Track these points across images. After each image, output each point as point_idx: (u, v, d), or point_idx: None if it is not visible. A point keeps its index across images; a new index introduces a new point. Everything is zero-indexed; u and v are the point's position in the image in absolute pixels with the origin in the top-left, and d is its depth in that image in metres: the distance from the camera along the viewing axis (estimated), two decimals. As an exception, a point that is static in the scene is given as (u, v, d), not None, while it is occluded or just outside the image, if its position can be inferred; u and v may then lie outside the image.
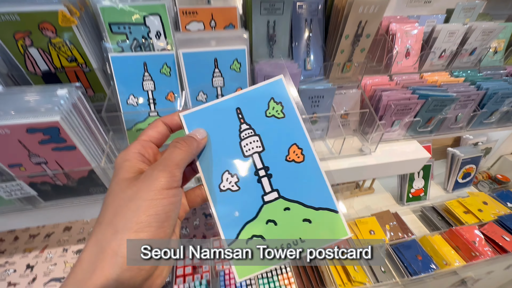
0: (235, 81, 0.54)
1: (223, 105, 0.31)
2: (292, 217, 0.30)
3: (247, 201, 0.30)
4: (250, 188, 0.30)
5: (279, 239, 0.30)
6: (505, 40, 0.80)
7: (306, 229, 0.29)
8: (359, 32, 0.60)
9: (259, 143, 0.31)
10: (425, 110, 0.66)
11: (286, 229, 0.30)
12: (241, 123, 0.31)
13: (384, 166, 0.68)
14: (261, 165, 0.31)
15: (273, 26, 0.57)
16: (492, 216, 1.16)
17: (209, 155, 0.31)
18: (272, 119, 0.31)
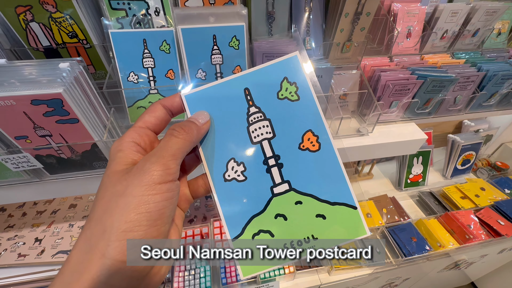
0: (234, 58, 0.54)
1: (230, 84, 0.28)
2: (304, 212, 0.27)
3: (255, 192, 0.27)
4: (258, 179, 0.27)
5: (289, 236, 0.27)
6: (509, 21, 0.78)
7: (319, 225, 0.26)
8: (359, 10, 0.60)
9: (269, 128, 0.28)
10: (424, 91, 0.66)
11: (297, 225, 0.27)
12: (249, 106, 0.28)
13: (381, 146, 0.69)
14: (271, 153, 0.28)
15: (272, 2, 0.57)
16: (489, 202, 1.18)
17: (213, 141, 0.28)
18: (285, 101, 0.28)
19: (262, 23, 0.59)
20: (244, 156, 0.28)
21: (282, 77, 0.28)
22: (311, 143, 0.27)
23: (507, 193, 1.24)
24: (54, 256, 0.74)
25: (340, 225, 0.26)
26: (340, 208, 0.27)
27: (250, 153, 0.28)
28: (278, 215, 0.27)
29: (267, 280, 0.92)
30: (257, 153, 0.28)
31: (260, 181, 0.27)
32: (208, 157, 0.28)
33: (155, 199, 0.21)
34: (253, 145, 0.28)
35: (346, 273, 0.99)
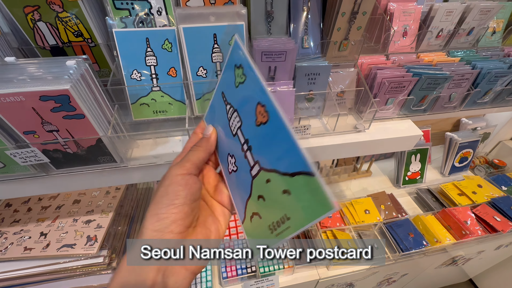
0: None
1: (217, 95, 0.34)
2: (273, 189, 0.26)
3: (243, 179, 0.30)
4: (242, 165, 0.30)
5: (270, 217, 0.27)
6: (504, 20, 0.80)
7: (287, 203, 0.24)
8: (355, 9, 0.62)
9: (238, 117, 0.30)
10: (419, 88, 0.68)
11: (272, 204, 0.27)
12: (225, 105, 0.32)
13: (377, 142, 0.71)
14: (243, 139, 0.29)
15: (271, 2, 0.58)
16: (486, 198, 1.19)
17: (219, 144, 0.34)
18: (240, 86, 0.30)
19: (261, 22, 0.61)
20: (232, 148, 0.31)
21: (233, 67, 0.30)
22: (262, 115, 0.26)
23: (504, 190, 1.26)
24: (59, 249, 0.76)
25: (304, 201, 0.23)
26: (299, 178, 0.23)
27: (234, 145, 0.31)
28: (259, 196, 0.28)
29: (267, 275, 0.93)
30: (237, 143, 0.30)
31: (244, 168, 0.30)
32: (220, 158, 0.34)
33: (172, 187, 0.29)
34: (234, 137, 0.31)
35: (344, 268, 1.01)
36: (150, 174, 0.64)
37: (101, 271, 0.81)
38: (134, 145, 0.65)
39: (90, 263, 0.78)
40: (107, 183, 0.62)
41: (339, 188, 1.35)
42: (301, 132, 0.67)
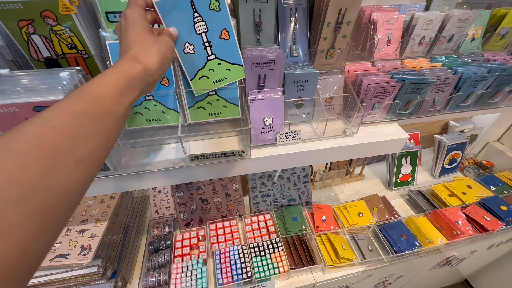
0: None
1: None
2: (221, 67, 0.56)
3: (199, 59, 0.54)
4: (201, 52, 0.53)
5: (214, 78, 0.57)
6: (482, 27, 0.84)
7: (228, 73, 0.58)
8: (339, 19, 0.65)
9: (205, 26, 0.51)
10: (403, 93, 0.71)
11: (218, 73, 0.57)
12: (194, 12, 0.49)
13: (366, 146, 0.73)
14: (206, 39, 0.53)
15: (259, 14, 0.61)
16: (475, 199, 1.22)
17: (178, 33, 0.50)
18: (213, 11, 0.50)
19: (250, 32, 0.63)
20: (193, 40, 0.52)
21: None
22: (225, 35, 0.53)
23: (493, 190, 1.29)
24: (52, 260, 0.75)
25: (235, 73, 0.58)
26: (236, 66, 0.58)
27: (196, 39, 0.52)
28: (210, 69, 0.56)
29: (262, 280, 0.94)
30: (199, 39, 0.52)
31: (201, 54, 0.54)
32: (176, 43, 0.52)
33: None
34: (197, 35, 0.52)
35: (340, 271, 1.01)
36: (144, 181, 0.65)
37: (95, 281, 0.81)
38: (128, 153, 0.66)
39: (84, 273, 0.78)
40: (101, 191, 0.63)
41: (333, 191, 1.37)
42: (292, 138, 0.69)
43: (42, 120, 0.26)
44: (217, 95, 0.63)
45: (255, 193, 1.20)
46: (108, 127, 0.32)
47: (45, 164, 0.24)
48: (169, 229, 1.10)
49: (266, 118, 0.66)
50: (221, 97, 0.63)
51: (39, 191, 0.23)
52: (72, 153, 0.27)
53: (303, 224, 1.11)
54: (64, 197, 0.26)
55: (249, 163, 0.68)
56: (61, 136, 0.26)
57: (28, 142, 0.24)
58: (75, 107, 0.29)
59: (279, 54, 0.61)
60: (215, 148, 0.69)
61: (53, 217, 0.25)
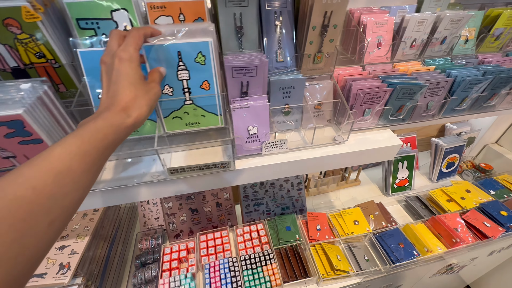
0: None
1: (171, 46, 0.49)
2: (196, 112, 0.58)
3: (176, 101, 0.55)
4: (179, 96, 0.55)
5: (188, 120, 0.58)
6: (475, 28, 0.81)
7: (202, 119, 0.59)
8: (325, 22, 0.62)
9: (187, 74, 0.53)
10: (395, 98, 0.68)
11: (192, 117, 0.58)
12: (179, 61, 0.51)
13: (357, 154, 0.70)
14: (186, 86, 0.54)
15: (240, 18, 0.58)
16: (474, 204, 1.19)
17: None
18: (198, 64, 0.52)
19: (232, 38, 0.60)
20: (173, 84, 0.53)
21: (198, 51, 0.51)
22: (206, 86, 0.55)
23: (492, 194, 1.26)
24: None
25: (210, 121, 0.60)
26: (212, 114, 0.59)
27: (176, 84, 0.53)
28: (185, 112, 0.57)
29: (254, 295, 0.89)
30: (180, 84, 0.54)
31: (179, 97, 0.55)
32: None
33: None
34: (179, 80, 0.53)
35: (335, 283, 0.97)
36: (121, 196, 0.61)
37: (75, 301, 0.77)
38: (105, 166, 0.62)
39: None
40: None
41: (328, 198, 1.33)
42: (278, 147, 0.65)
43: (25, 181, 0.26)
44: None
45: (247, 202, 1.16)
46: (88, 183, 0.32)
47: (19, 230, 0.24)
48: (157, 242, 1.06)
49: (251, 127, 0.62)
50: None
51: (5, 261, 0.23)
52: (47, 214, 0.26)
53: (296, 233, 1.07)
54: (32, 259, 0.25)
55: (234, 175, 0.64)
56: (41, 197, 0.26)
57: (5, 207, 0.24)
58: (59, 167, 0.28)
59: (261, 59, 0.58)
60: (198, 159, 0.65)
61: (19, 281, 0.24)
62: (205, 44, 0.52)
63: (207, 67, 0.55)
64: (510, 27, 0.80)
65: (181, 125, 0.62)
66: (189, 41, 0.51)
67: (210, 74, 0.56)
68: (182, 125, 0.63)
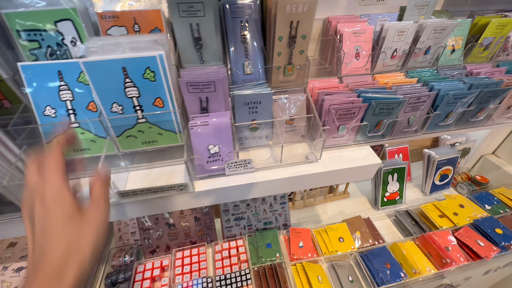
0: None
1: (113, 62, 0.46)
2: (152, 131, 0.55)
3: (128, 119, 0.52)
4: (130, 113, 0.52)
5: (144, 139, 0.56)
6: (463, 37, 0.76)
7: (159, 137, 0.57)
8: (292, 33, 0.57)
9: (137, 92, 0.50)
10: (371, 114, 0.62)
11: (148, 136, 0.56)
12: (125, 77, 0.48)
13: (331, 174, 0.64)
14: (137, 103, 0.51)
15: (197, 29, 0.53)
16: (468, 220, 1.12)
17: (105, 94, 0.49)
18: (147, 80, 0.49)
19: (190, 50, 0.56)
20: (122, 102, 0.50)
21: (146, 66, 0.48)
22: (159, 103, 0.52)
23: (488, 209, 1.19)
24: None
25: (168, 138, 0.57)
26: (169, 132, 0.56)
27: (126, 101, 0.50)
28: (139, 130, 0.54)
29: (227, 319, 0.84)
30: (130, 102, 0.51)
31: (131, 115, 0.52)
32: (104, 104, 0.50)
33: None
34: (128, 98, 0.50)
35: (316, 307, 0.91)
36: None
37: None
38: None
39: (16, 319, 0.69)
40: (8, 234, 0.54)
41: (315, 211, 1.27)
42: (243, 167, 0.60)
43: None
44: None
45: (227, 216, 1.11)
46: None
47: None
48: (131, 258, 1.01)
49: (211, 146, 0.57)
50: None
51: None
52: None
53: (277, 251, 1.01)
54: None
55: (194, 197, 0.59)
56: None
57: None
58: None
59: (220, 74, 0.53)
60: (158, 178, 0.60)
61: None
62: (152, 59, 0.48)
63: (158, 83, 0.50)
64: (499, 36, 0.75)
65: (136, 144, 0.58)
66: (134, 56, 0.47)
67: (162, 91, 0.51)
68: (137, 144, 0.58)
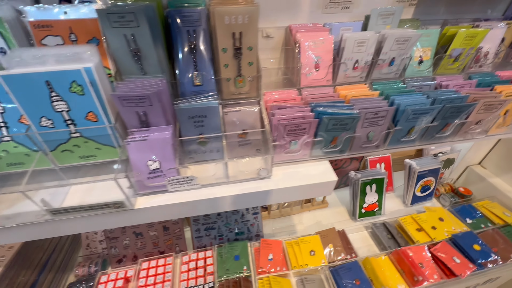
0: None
1: (35, 75, 0.44)
2: (89, 145, 0.54)
3: (59, 134, 0.51)
4: (62, 128, 0.50)
5: (81, 154, 0.55)
6: (431, 48, 0.73)
7: (97, 151, 0.55)
8: (237, 45, 0.54)
9: (65, 106, 0.48)
10: (324, 129, 0.59)
11: (85, 150, 0.54)
12: (50, 91, 0.46)
13: (283, 191, 0.61)
14: (68, 117, 0.50)
15: (134, 40, 0.51)
16: (446, 234, 1.08)
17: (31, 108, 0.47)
18: (75, 94, 0.47)
19: (128, 61, 0.53)
20: (51, 116, 0.48)
21: (72, 80, 0.46)
22: (92, 117, 0.50)
23: (468, 224, 1.15)
24: None
25: (107, 153, 0.56)
26: (107, 146, 0.55)
27: (55, 116, 0.49)
28: (75, 145, 0.53)
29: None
30: (59, 116, 0.49)
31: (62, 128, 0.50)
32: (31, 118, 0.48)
33: None
34: (56, 112, 0.48)
35: (281, 323, 0.88)
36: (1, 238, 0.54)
37: None
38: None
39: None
40: None
41: (291, 221, 1.24)
42: (187, 184, 0.58)
43: None
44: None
45: (197, 226, 1.08)
46: None
47: None
48: (95, 268, 0.99)
49: (150, 162, 0.55)
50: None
51: None
52: None
53: (245, 264, 0.98)
54: None
55: (134, 214, 0.57)
56: None
57: None
58: None
59: (157, 87, 0.51)
60: (99, 194, 0.58)
61: None
62: (77, 73, 0.45)
63: (87, 97, 0.48)
64: (469, 47, 0.71)
65: (73, 159, 0.56)
66: (57, 69, 0.44)
67: (93, 105, 0.49)
68: (74, 159, 0.56)
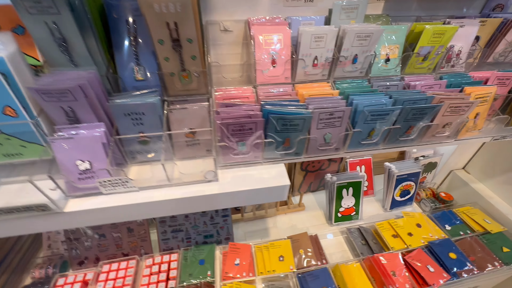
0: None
1: None
2: (12, 143, 0.50)
3: None
4: None
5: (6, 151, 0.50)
6: (399, 45, 0.68)
7: (23, 149, 0.51)
8: (174, 36, 0.50)
9: None
10: (273, 130, 0.55)
11: (9, 148, 0.50)
12: None
13: (230, 196, 0.57)
14: None
15: (57, 28, 0.46)
16: (423, 242, 1.04)
17: None
18: None
19: (54, 52, 0.49)
20: None
21: None
22: (11, 112, 0.46)
23: (447, 230, 1.11)
24: None
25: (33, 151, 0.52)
26: (33, 144, 0.51)
27: None
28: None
29: None
30: None
31: None
32: None
33: None
34: None
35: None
36: None
37: None
38: None
39: None
40: None
41: (265, 225, 1.20)
42: (121, 186, 0.53)
43: None
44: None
45: (163, 228, 1.04)
46: None
47: None
48: (53, 270, 0.95)
49: (80, 162, 0.51)
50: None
51: None
52: None
53: (209, 269, 0.94)
54: None
55: (64, 217, 0.53)
56: None
57: None
58: None
59: (80, 81, 0.46)
60: (30, 195, 0.54)
61: None
62: (-19, 62, 0.41)
63: (2, 90, 0.44)
64: (439, 45, 0.66)
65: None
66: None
67: (9, 98, 0.45)
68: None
